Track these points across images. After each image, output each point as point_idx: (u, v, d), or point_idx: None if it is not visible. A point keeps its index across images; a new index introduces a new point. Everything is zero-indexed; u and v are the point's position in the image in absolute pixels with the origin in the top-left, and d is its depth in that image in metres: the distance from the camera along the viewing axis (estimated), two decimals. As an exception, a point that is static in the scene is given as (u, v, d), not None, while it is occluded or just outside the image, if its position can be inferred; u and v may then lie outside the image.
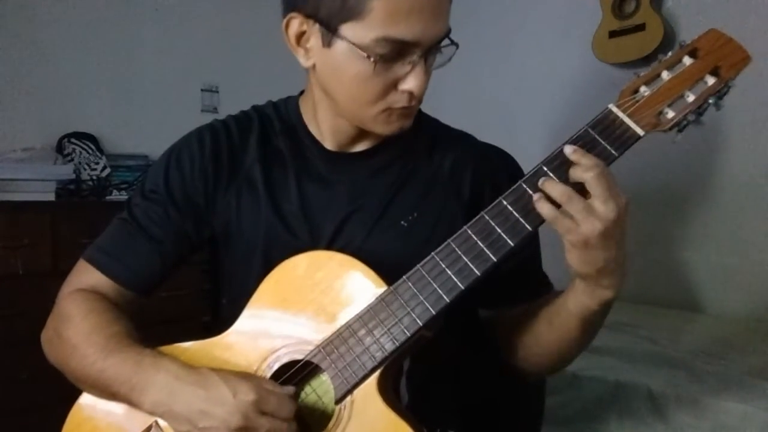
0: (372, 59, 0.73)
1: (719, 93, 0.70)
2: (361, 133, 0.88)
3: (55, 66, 2.34)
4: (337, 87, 0.81)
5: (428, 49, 0.76)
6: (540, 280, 0.93)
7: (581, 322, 0.77)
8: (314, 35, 0.79)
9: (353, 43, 0.74)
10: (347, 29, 0.74)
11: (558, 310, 0.79)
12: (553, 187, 0.68)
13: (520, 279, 0.88)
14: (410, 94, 0.78)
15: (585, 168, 0.67)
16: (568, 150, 0.69)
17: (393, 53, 0.74)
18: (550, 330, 0.81)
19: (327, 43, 0.77)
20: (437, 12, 0.74)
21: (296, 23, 0.79)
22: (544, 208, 0.69)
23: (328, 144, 0.90)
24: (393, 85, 0.78)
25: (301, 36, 0.80)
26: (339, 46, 0.76)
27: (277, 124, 0.93)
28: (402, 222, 0.87)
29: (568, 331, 0.79)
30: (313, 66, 0.82)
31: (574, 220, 0.67)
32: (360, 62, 0.75)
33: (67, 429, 0.84)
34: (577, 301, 0.75)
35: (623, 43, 2.18)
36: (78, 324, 0.81)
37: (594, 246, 0.67)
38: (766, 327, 1.82)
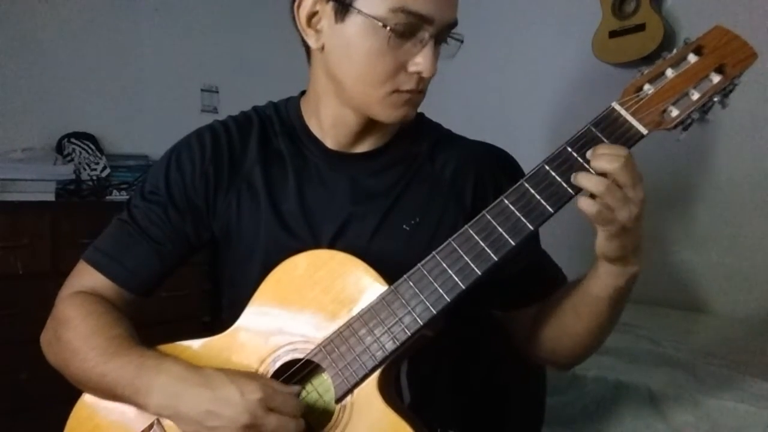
0: (387, 28, 0.74)
1: (725, 91, 0.70)
2: (364, 130, 0.88)
3: (55, 66, 2.34)
4: (347, 66, 0.80)
5: (439, 32, 0.77)
6: (553, 274, 0.92)
7: (612, 303, 0.77)
8: (326, 14, 0.79)
9: (369, 15, 0.74)
10: (362, 1, 0.75)
11: (583, 298, 0.79)
12: (589, 179, 0.68)
13: (533, 277, 0.88)
14: (418, 76, 0.79)
15: (609, 159, 0.67)
16: (589, 152, 0.69)
17: (407, 27, 0.75)
18: (578, 320, 0.81)
19: (340, 19, 0.77)
20: None
21: (308, 3, 0.80)
22: (586, 205, 0.68)
23: (330, 143, 0.90)
24: (403, 66, 0.78)
25: (312, 16, 0.81)
26: (353, 20, 0.76)
27: (278, 125, 0.93)
28: (404, 226, 0.87)
29: (598, 315, 0.79)
30: (322, 48, 0.82)
31: (612, 209, 0.67)
32: (373, 36, 0.75)
33: (69, 426, 0.84)
34: (605, 284, 0.75)
35: (623, 43, 2.18)
36: (77, 326, 0.81)
37: (629, 230, 0.68)
38: (765, 327, 1.82)
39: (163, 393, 0.74)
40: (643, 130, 0.70)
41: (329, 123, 0.89)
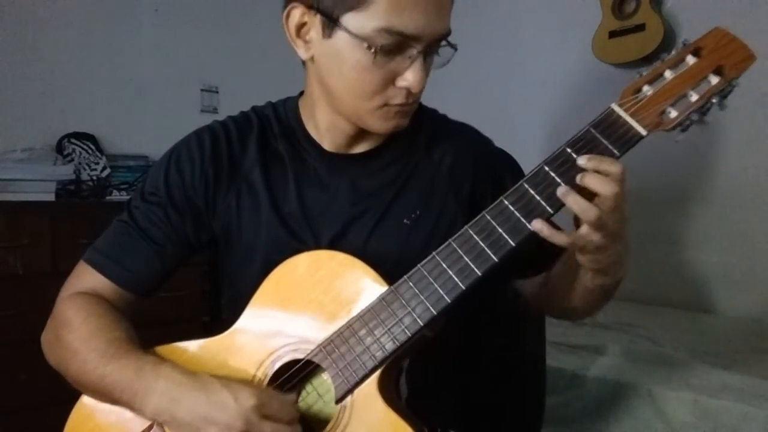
0: (372, 50, 0.73)
1: (723, 92, 0.70)
2: (360, 134, 0.88)
3: (55, 66, 2.34)
4: (336, 79, 0.80)
5: (428, 46, 0.76)
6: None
7: (598, 292, 0.80)
8: (314, 26, 0.78)
9: (354, 34, 0.73)
10: (349, 19, 0.74)
11: (573, 279, 0.81)
12: (576, 201, 0.69)
13: (538, 249, 0.89)
14: (408, 90, 0.78)
15: (601, 181, 0.68)
16: (582, 161, 0.69)
17: (393, 46, 0.74)
18: (573, 293, 0.83)
19: (328, 34, 0.77)
20: (439, 8, 0.74)
21: (297, 14, 0.79)
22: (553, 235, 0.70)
23: (327, 145, 0.90)
24: (391, 80, 0.77)
25: (301, 27, 0.80)
26: (339, 36, 0.75)
27: (276, 126, 0.93)
28: (405, 220, 0.87)
29: (588, 296, 0.81)
30: (312, 59, 0.82)
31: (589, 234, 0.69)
32: (360, 53, 0.74)
33: (69, 427, 0.84)
34: (588, 278, 0.78)
35: (623, 43, 2.18)
36: (78, 328, 0.81)
37: (603, 248, 0.70)
38: (766, 327, 1.82)
39: (160, 398, 0.74)
40: (643, 131, 0.70)
41: (325, 127, 0.89)
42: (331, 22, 0.75)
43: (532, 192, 0.71)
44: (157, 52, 2.61)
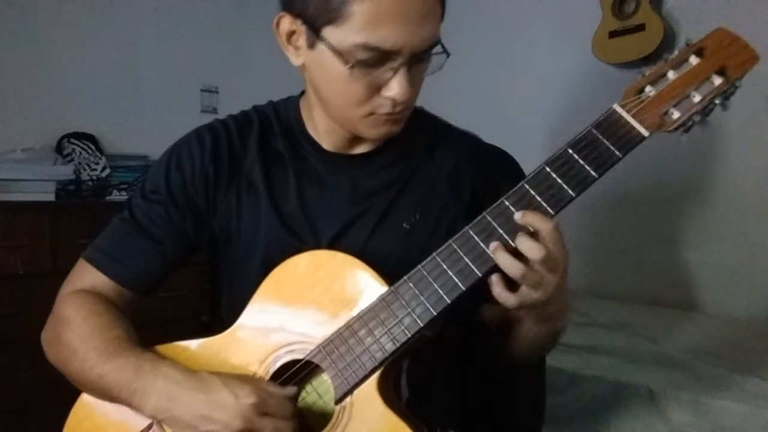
0: (348, 65, 0.73)
1: (726, 93, 0.70)
2: (357, 137, 0.88)
3: (54, 66, 2.34)
4: (324, 87, 0.81)
5: (412, 56, 0.74)
6: None
7: (535, 344, 0.83)
8: (302, 35, 0.79)
9: (333, 47, 0.74)
10: (329, 32, 0.74)
11: (512, 327, 0.83)
12: (511, 263, 0.70)
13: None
14: (393, 100, 0.77)
15: (531, 247, 0.69)
16: (518, 216, 0.70)
17: (373, 60, 0.73)
18: (512, 340, 0.85)
19: (311, 45, 0.77)
20: (421, 20, 0.73)
21: (286, 22, 0.79)
22: (506, 298, 0.71)
23: (326, 145, 0.90)
24: (377, 90, 0.77)
25: (291, 35, 0.80)
26: (321, 48, 0.76)
27: (276, 125, 0.93)
28: (404, 224, 0.87)
29: (527, 342, 0.84)
30: (303, 65, 0.82)
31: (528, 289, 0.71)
32: (340, 66, 0.74)
33: (69, 426, 0.84)
34: (526, 328, 0.80)
35: (623, 43, 2.19)
36: (77, 327, 0.81)
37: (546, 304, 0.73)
38: (766, 327, 1.82)
39: (159, 396, 0.74)
40: (645, 132, 0.69)
41: (323, 129, 0.89)
42: (313, 34, 0.76)
43: (533, 193, 0.71)
44: (157, 52, 2.61)
